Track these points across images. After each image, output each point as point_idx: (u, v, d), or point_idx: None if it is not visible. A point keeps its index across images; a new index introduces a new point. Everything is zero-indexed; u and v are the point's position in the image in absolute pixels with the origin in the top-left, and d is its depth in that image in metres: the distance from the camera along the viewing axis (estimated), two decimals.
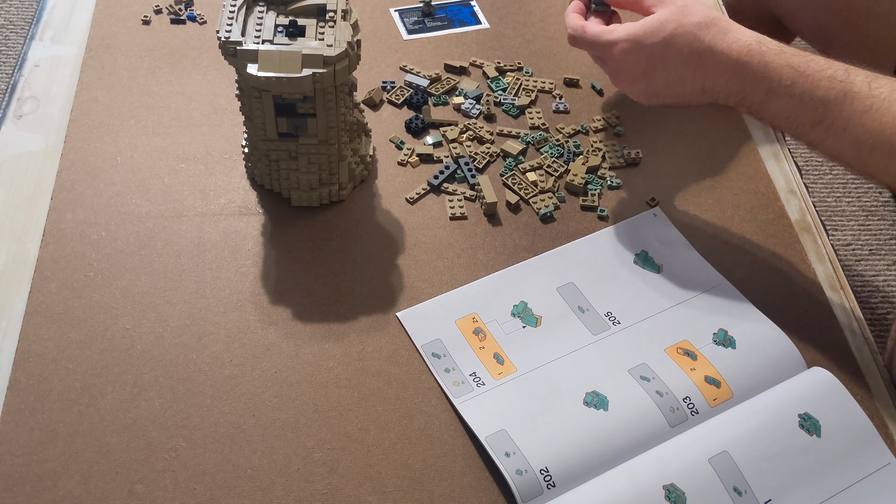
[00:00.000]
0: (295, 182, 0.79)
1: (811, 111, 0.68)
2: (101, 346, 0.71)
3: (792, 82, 0.68)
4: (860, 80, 0.67)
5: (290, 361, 0.71)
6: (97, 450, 0.65)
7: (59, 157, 0.83)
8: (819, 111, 0.67)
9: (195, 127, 0.87)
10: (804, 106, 0.68)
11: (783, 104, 0.69)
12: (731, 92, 0.71)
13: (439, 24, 1.00)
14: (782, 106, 0.69)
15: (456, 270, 0.78)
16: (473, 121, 0.90)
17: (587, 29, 0.77)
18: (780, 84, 0.69)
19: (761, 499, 0.63)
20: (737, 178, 0.87)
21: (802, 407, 0.67)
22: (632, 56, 0.73)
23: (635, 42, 0.73)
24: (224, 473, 0.65)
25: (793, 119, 0.69)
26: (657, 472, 0.63)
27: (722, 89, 0.72)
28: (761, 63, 0.69)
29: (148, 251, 0.77)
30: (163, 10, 0.98)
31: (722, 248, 0.81)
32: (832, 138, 0.68)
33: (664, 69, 0.73)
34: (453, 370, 0.71)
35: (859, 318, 0.77)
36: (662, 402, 0.68)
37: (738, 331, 0.74)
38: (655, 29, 0.72)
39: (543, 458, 0.65)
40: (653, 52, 0.72)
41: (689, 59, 0.71)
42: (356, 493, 0.64)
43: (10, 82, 0.90)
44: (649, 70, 0.73)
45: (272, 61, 0.70)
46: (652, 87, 0.75)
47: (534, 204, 0.83)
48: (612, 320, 0.75)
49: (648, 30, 0.72)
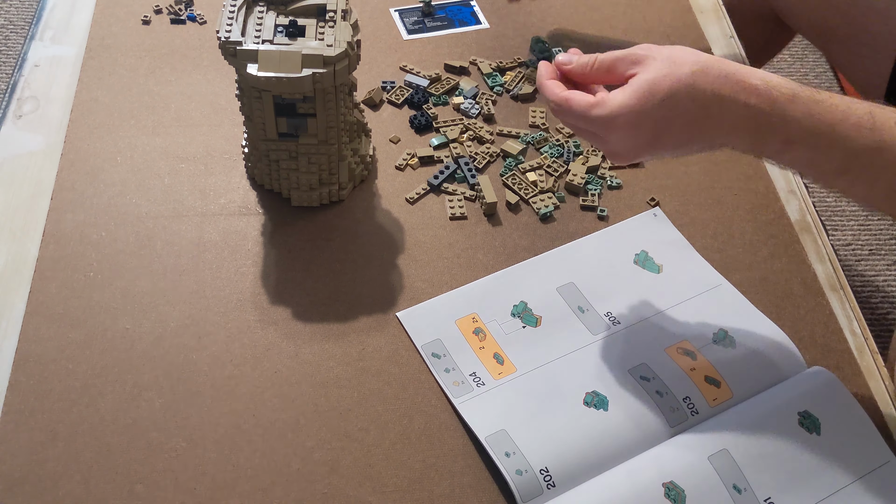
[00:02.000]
0: (295, 182, 0.79)
1: (836, 161, 0.61)
2: (101, 346, 0.71)
3: (811, 132, 0.60)
4: (890, 126, 0.60)
5: (290, 361, 0.71)
6: (97, 450, 0.65)
7: (59, 157, 0.83)
8: (845, 161, 0.61)
9: (195, 127, 0.87)
10: (827, 156, 0.61)
11: (803, 154, 0.62)
12: (745, 145, 0.63)
13: (439, 24, 1.00)
14: (802, 155, 0.62)
15: (456, 270, 0.78)
16: (473, 120, 0.90)
17: (572, 102, 0.64)
18: (799, 134, 0.61)
19: (761, 497, 0.63)
20: (737, 178, 0.87)
21: (802, 405, 0.67)
22: (634, 130, 0.63)
23: (634, 113, 0.62)
24: (224, 473, 0.65)
25: (815, 167, 0.63)
26: (657, 470, 0.63)
27: (736, 143, 0.63)
28: (775, 110, 0.61)
29: (148, 251, 0.77)
30: (163, 10, 0.98)
31: (722, 248, 0.81)
32: (860, 186, 0.62)
33: (670, 133, 0.63)
34: (453, 370, 0.71)
35: (859, 318, 0.77)
36: (662, 402, 0.68)
37: (738, 331, 0.74)
38: (649, 92, 0.61)
39: (543, 457, 0.65)
40: (657, 120, 0.62)
41: (697, 116, 0.62)
42: (356, 493, 0.64)
43: (10, 82, 0.90)
44: (654, 139, 0.63)
45: (272, 61, 0.70)
46: (659, 152, 0.65)
47: (534, 204, 0.83)
48: (612, 320, 0.75)
49: (643, 95, 0.61)
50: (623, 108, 0.62)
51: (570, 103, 0.64)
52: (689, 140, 0.64)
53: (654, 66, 0.62)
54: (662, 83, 0.61)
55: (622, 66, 0.64)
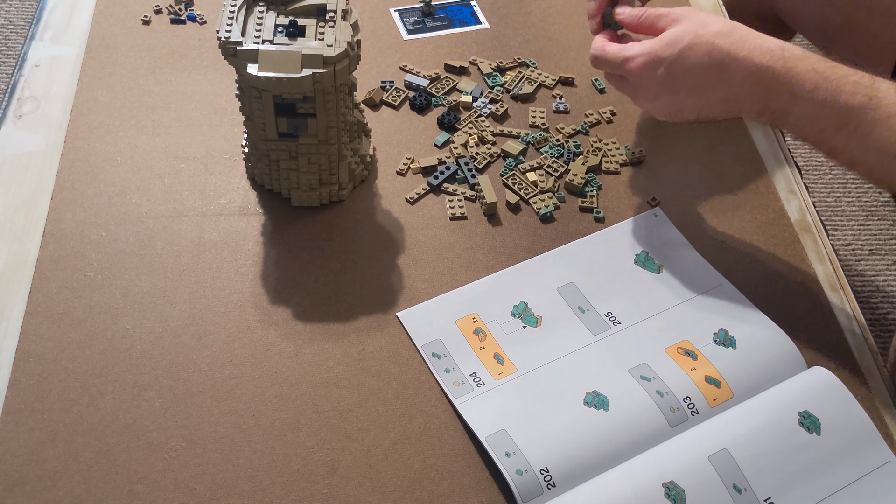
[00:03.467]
0: (295, 182, 0.79)
1: (835, 115, 0.67)
2: (101, 346, 0.71)
3: (816, 86, 0.67)
4: (886, 86, 0.66)
5: (290, 361, 0.71)
6: (97, 450, 0.65)
7: (59, 157, 0.83)
8: (843, 115, 0.67)
9: (195, 127, 0.87)
10: (828, 110, 0.67)
11: (807, 109, 0.68)
12: (754, 99, 0.70)
13: (439, 24, 1.00)
14: (806, 111, 0.68)
15: (456, 270, 0.78)
16: (483, 119, 0.90)
17: (606, 48, 0.76)
18: (804, 88, 0.67)
19: (761, 497, 0.63)
20: (737, 178, 0.87)
21: (802, 405, 0.67)
22: (650, 70, 0.72)
23: (652, 56, 0.71)
24: (224, 473, 0.65)
25: (816, 123, 0.68)
26: (657, 471, 0.63)
27: (745, 97, 0.70)
28: (784, 67, 0.68)
29: (148, 251, 0.77)
30: (163, 10, 0.98)
31: (722, 248, 0.81)
32: (855, 143, 0.67)
33: (685, 80, 0.71)
34: (453, 370, 0.71)
35: (859, 318, 0.77)
36: (663, 402, 0.68)
37: (739, 331, 0.74)
38: (672, 41, 0.71)
39: (543, 458, 0.65)
40: (671, 64, 0.71)
41: (710, 67, 0.70)
42: (356, 493, 0.64)
43: (10, 82, 0.90)
44: (669, 83, 0.72)
45: (272, 61, 0.70)
46: (674, 102, 0.73)
47: (534, 204, 0.83)
48: (612, 320, 0.75)
49: (665, 43, 0.71)
50: (645, 50, 0.72)
51: (604, 49, 0.76)
52: (702, 89, 0.71)
53: (685, 24, 0.72)
54: (685, 37, 0.71)
55: (663, 21, 0.74)
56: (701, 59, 0.70)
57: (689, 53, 0.70)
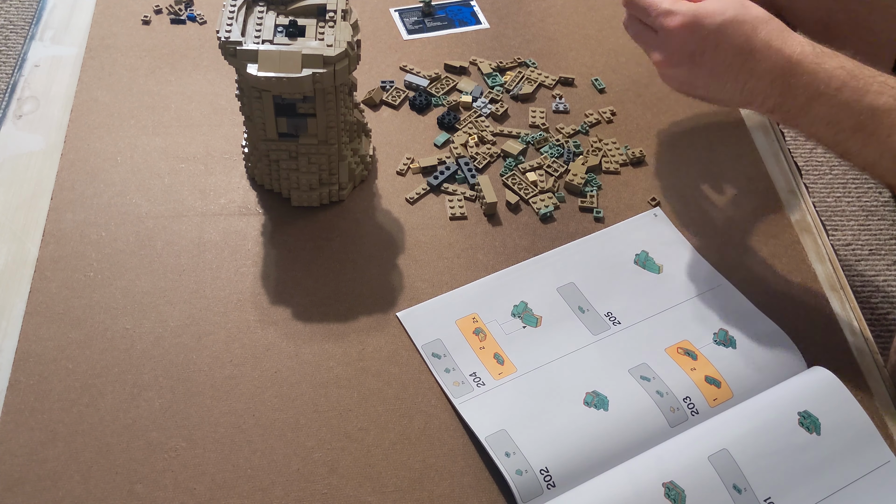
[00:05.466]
0: (295, 182, 0.79)
1: (855, 116, 0.65)
2: (101, 346, 0.71)
3: (843, 84, 0.65)
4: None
5: (290, 361, 0.71)
6: (97, 450, 0.65)
7: (59, 157, 0.83)
8: (864, 117, 0.65)
9: (195, 127, 0.87)
10: (849, 110, 0.66)
11: (826, 109, 0.66)
12: (770, 94, 0.68)
13: (439, 24, 1.00)
14: (825, 111, 0.66)
15: (456, 270, 0.78)
16: (483, 119, 0.90)
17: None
18: (831, 86, 0.66)
19: (761, 497, 0.63)
20: (737, 178, 0.87)
21: (802, 405, 0.67)
22: (686, 34, 0.69)
23: (694, 19, 0.68)
24: (224, 473, 0.65)
25: (833, 125, 0.67)
26: (657, 470, 0.63)
27: (763, 90, 0.68)
28: (815, 62, 0.66)
29: (148, 251, 0.77)
30: (163, 10, 0.98)
31: (722, 248, 0.81)
32: (872, 146, 0.66)
33: (713, 56, 0.68)
34: (453, 370, 0.71)
35: (859, 318, 0.77)
36: (663, 402, 0.68)
37: (739, 331, 0.74)
38: (716, 11, 0.68)
39: (543, 457, 0.65)
40: (707, 35, 0.68)
41: (741, 50, 0.68)
42: (356, 493, 0.64)
43: (10, 82, 0.90)
44: (698, 54, 0.69)
45: (272, 61, 0.70)
46: (693, 74, 0.70)
47: (534, 204, 0.83)
48: (612, 320, 0.75)
49: (710, 11, 0.68)
50: (689, 10, 0.69)
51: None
52: (725, 71, 0.69)
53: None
54: (727, 12, 0.68)
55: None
56: (737, 38, 0.67)
57: (727, 29, 0.68)
